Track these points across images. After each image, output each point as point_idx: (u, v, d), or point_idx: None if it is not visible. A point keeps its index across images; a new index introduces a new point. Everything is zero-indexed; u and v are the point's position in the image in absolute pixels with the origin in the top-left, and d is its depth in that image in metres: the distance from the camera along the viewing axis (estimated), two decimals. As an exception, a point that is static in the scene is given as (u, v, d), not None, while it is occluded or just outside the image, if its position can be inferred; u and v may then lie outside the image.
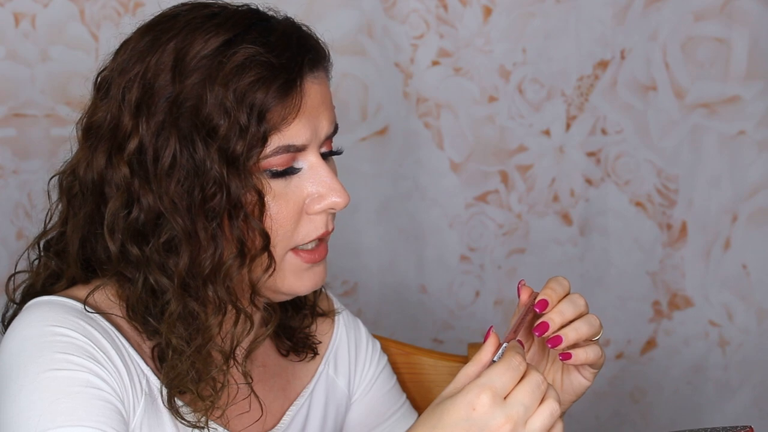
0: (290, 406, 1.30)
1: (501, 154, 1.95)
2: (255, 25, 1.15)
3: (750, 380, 2.03)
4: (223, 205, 1.11)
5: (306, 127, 1.14)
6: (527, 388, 1.01)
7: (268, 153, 1.13)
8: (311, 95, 1.15)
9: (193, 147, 1.11)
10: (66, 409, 1.08)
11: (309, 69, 1.15)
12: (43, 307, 1.16)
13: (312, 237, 1.16)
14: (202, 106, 1.11)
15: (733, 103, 1.97)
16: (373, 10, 1.89)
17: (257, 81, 1.12)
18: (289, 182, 1.15)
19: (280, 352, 1.31)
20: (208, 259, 1.12)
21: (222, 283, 1.13)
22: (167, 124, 1.11)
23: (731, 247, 2.00)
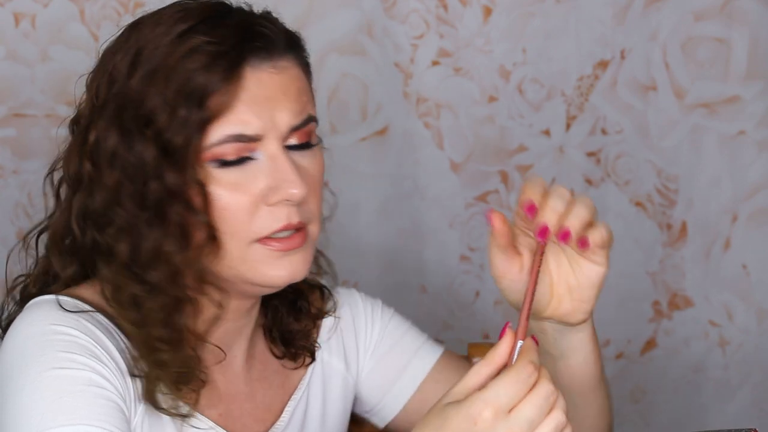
0: (288, 401, 1.30)
1: (501, 154, 1.95)
2: (211, 17, 1.16)
3: (750, 380, 2.03)
4: (158, 194, 1.13)
5: (256, 117, 1.14)
6: (534, 402, 1.00)
7: (215, 141, 1.13)
8: (262, 84, 1.15)
9: (132, 139, 1.14)
10: (68, 407, 1.08)
11: (256, 57, 1.15)
12: (44, 306, 1.17)
13: (273, 228, 1.15)
14: (145, 98, 1.14)
15: (733, 103, 1.97)
16: (373, 10, 1.89)
17: (199, 68, 1.13)
18: (245, 173, 1.15)
19: (274, 354, 1.30)
20: (147, 245, 1.14)
21: (162, 269, 1.15)
22: (113, 117, 1.15)
23: (731, 247, 2.00)
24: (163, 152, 1.13)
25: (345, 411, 1.36)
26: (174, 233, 1.14)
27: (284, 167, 1.15)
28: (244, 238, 1.15)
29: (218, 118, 1.13)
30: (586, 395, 1.25)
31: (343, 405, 1.36)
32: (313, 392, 1.33)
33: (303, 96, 1.18)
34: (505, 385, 1.00)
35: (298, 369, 1.31)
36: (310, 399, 1.32)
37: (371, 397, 1.38)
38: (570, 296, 1.16)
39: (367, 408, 1.39)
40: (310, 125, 1.18)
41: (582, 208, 1.13)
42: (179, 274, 1.15)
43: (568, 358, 1.21)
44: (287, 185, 1.14)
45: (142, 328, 1.15)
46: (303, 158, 1.18)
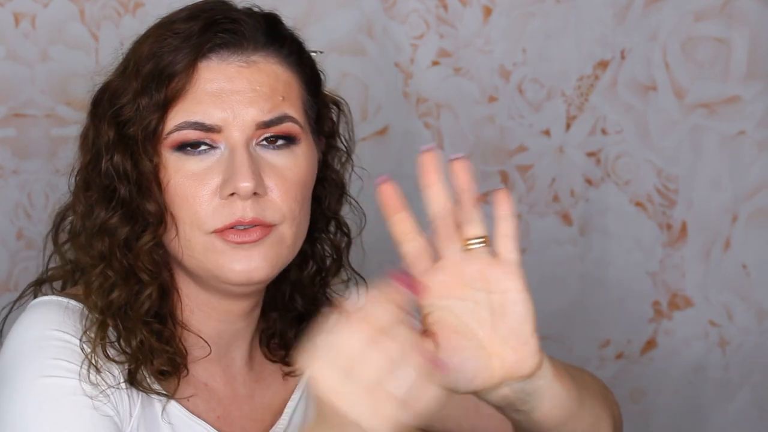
0: (288, 402, 1.30)
1: (501, 154, 1.95)
2: (196, 10, 1.19)
3: (750, 380, 2.03)
4: (109, 174, 1.17)
5: (217, 107, 1.15)
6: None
7: (173, 128, 1.15)
8: (225, 75, 1.16)
9: (100, 126, 1.18)
10: (53, 418, 1.10)
11: (225, 49, 1.16)
12: (43, 308, 1.17)
13: (224, 222, 1.15)
14: (117, 87, 1.18)
15: (733, 103, 1.97)
16: (373, 10, 1.89)
17: (167, 51, 1.16)
18: (204, 163, 1.16)
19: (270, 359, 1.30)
20: (94, 220, 1.18)
21: (103, 241, 1.18)
22: (92, 107, 1.21)
23: (731, 247, 2.00)
24: (118, 135, 1.17)
25: None
26: (118, 211, 1.17)
27: (238, 160, 1.14)
28: (201, 228, 1.16)
29: (177, 103, 1.15)
30: (570, 422, 1.14)
31: None
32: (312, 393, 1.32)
33: (277, 94, 1.17)
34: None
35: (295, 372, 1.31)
36: (311, 399, 1.32)
37: None
38: (508, 346, 1.04)
39: None
40: (286, 125, 1.17)
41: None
42: (120, 249, 1.17)
43: (540, 408, 1.09)
44: (236, 178, 1.14)
45: (87, 298, 1.18)
46: (278, 157, 1.17)
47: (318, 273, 1.30)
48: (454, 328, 1.04)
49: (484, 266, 1.04)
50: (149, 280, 1.18)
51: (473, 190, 1.05)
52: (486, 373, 1.04)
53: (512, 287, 1.04)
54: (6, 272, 1.83)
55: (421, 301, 1.03)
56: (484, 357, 1.04)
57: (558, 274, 1.99)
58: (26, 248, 1.83)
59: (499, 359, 1.04)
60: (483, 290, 1.04)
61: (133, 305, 1.17)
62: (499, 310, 1.04)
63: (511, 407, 1.09)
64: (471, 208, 1.05)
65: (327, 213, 1.28)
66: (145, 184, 1.16)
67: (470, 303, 1.04)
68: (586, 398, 1.16)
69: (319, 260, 1.29)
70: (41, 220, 1.82)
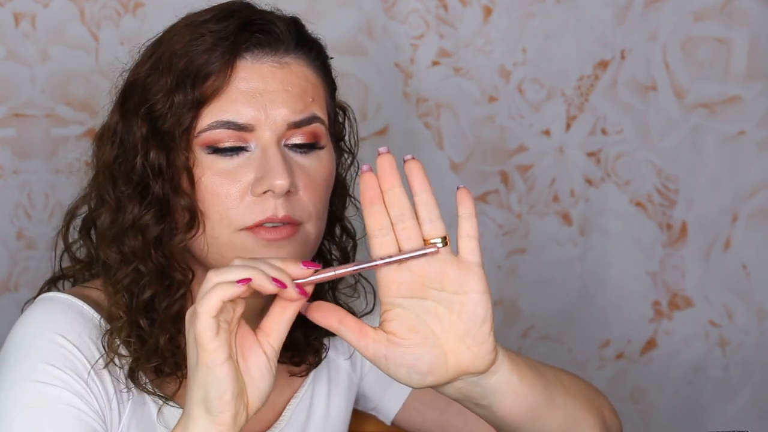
0: (291, 399, 1.30)
1: (501, 154, 1.95)
2: (226, 10, 1.19)
3: (750, 380, 2.03)
4: (142, 170, 1.17)
5: (250, 106, 1.15)
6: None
7: (206, 126, 1.16)
8: (260, 75, 1.16)
9: (130, 119, 1.18)
10: (33, 424, 1.11)
11: (259, 49, 1.17)
12: (47, 306, 1.18)
13: (257, 219, 1.15)
14: (149, 81, 1.18)
15: (733, 103, 1.97)
16: (373, 10, 1.89)
17: (201, 51, 1.16)
18: (237, 162, 1.16)
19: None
20: (125, 216, 1.18)
21: (137, 239, 1.17)
22: (118, 103, 1.21)
23: (731, 247, 2.00)
24: (153, 132, 1.16)
25: (348, 410, 1.36)
26: (152, 208, 1.17)
27: (272, 158, 1.15)
28: (231, 225, 1.16)
29: (211, 101, 1.15)
30: (539, 419, 1.15)
31: (347, 404, 1.36)
32: (318, 391, 1.33)
33: (307, 95, 1.19)
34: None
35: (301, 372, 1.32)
36: (315, 397, 1.32)
37: (374, 394, 1.38)
38: (464, 344, 1.06)
39: (371, 405, 1.39)
40: (314, 126, 1.19)
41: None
42: (152, 247, 1.17)
43: (501, 403, 1.11)
44: (271, 176, 1.14)
45: (114, 296, 1.18)
46: (306, 159, 1.18)
47: (340, 279, 1.30)
48: (411, 325, 1.06)
49: (446, 267, 1.05)
50: (182, 279, 1.19)
51: (430, 189, 1.06)
52: (441, 369, 1.06)
53: (473, 288, 1.06)
54: (6, 272, 1.83)
55: (382, 297, 1.06)
56: (439, 354, 1.06)
57: (558, 274, 1.99)
58: (26, 248, 1.83)
59: (454, 357, 1.06)
60: (444, 290, 1.06)
61: (161, 304, 1.18)
62: (458, 309, 1.06)
63: (470, 401, 1.11)
64: (429, 207, 1.06)
65: (334, 216, 1.28)
66: (178, 180, 1.16)
67: (430, 302, 1.06)
68: (558, 397, 1.17)
69: (325, 262, 1.29)
70: (41, 220, 1.82)
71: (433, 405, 1.36)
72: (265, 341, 1.04)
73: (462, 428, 1.36)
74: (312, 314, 1.06)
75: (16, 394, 1.12)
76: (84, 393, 1.14)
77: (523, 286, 1.99)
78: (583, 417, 1.20)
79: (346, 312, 1.07)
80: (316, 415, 1.32)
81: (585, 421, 1.20)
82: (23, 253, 1.83)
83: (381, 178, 1.05)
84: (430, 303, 1.06)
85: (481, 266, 1.06)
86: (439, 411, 1.36)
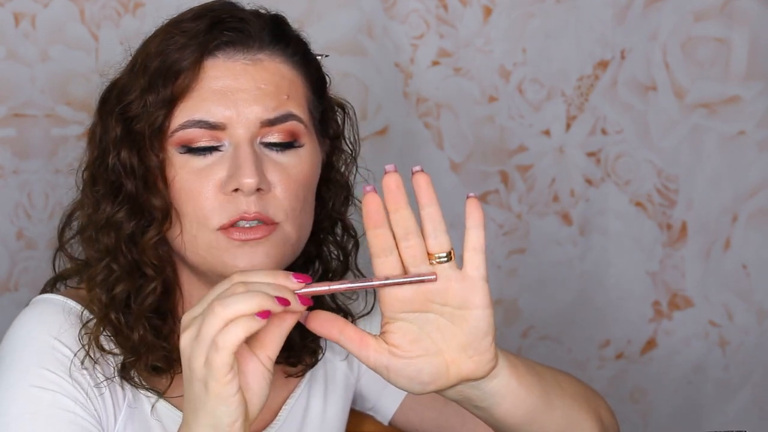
0: (287, 399, 1.30)
1: (501, 154, 1.95)
2: (204, 10, 1.20)
3: (750, 380, 2.03)
4: (116, 169, 1.18)
5: (220, 105, 1.15)
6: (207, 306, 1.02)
7: (178, 126, 1.16)
8: (231, 73, 1.16)
9: (107, 122, 1.19)
10: (28, 429, 1.11)
11: (231, 47, 1.17)
12: (42, 308, 1.18)
13: (230, 217, 1.15)
14: (125, 85, 1.19)
15: (733, 103, 1.97)
16: (373, 10, 1.89)
17: (173, 50, 1.16)
18: (208, 160, 1.16)
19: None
20: (100, 214, 1.19)
21: (109, 236, 1.18)
22: (101, 104, 1.22)
23: (731, 247, 2.00)
24: (125, 131, 1.17)
25: (345, 410, 1.36)
26: (124, 205, 1.18)
27: (242, 156, 1.15)
28: (206, 224, 1.16)
29: (183, 100, 1.16)
30: (537, 421, 1.16)
31: (344, 404, 1.36)
32: (314, 391, 1.33)
33: (282, 93, 1.18)
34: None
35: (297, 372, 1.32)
36: (311, 397, 1.32)
37: (371, 394, 1.38)
38: (466, 355, 1.06)
39: (369, 405, 1.39)
40: (290, 123, 1.18)
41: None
42: (126, 244, 1.18)
43: (499, 405, 1.12)
44: (239, 174, 1.14)
45: (91, 291, 1.19)
46: (283, 156, 1.18)
47: (324, 275, 1.30)
48: (413, 338, 1.06)
49: (450, 283, 1.05)
50: (153, 274, 1.19)
51: (437, 203, 1.05)
52: (442, 379, 1.07)
53: (477, 304, 1.05)
54: (6, 272, 1.83)
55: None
56: (441, 364, 1.06)
57: (558, 274, 1.99)
58: (26, 248, 1.83)
59: (455, 366, 1.06)
60: (447, 305, 1.05)
61: (136, 300, 1.18)
62: (460, 323, 1.05)
63: (468, 402, 1.12)
64: (435, 222, 1.05)
65: (333, 215, 1.28)
66: (152, 179, 1.17)
67: (432, 315, 1.06)
68: (555, 399, 1.17)
69: (325, 262, 1.29)
70: (41, 220, 1.82)
71: (431, 405, 1.36)
72: (262, 353, 1.04)
73: (460, 429, 1.36)
74: (312, 324, 1.06)
75: (10, 398, 1.12)
76: (80, 396, 1.14)
77: (523, 286, 1.99)
78: (581, 418, 1.20)
79: (346, 321, 1.06)
80: (313, 416, 1.32)
81: (583, 422, 1.20)
82: (23, 253, 1.83)
83: (387, 199, 1.03)
84: (432, 316, 1.06)
85: (486, 281, 1.05)
86: (436, 412, 1.36)
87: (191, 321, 1.02)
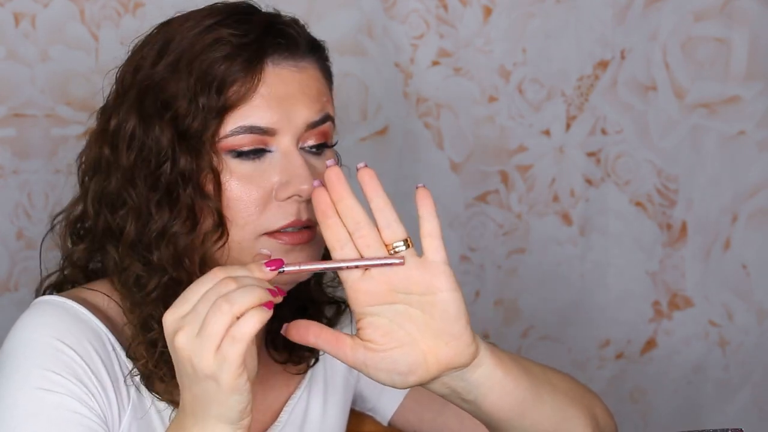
0: (288, 401, 1.30)
1: (501, 154, 1.95)
2: (238, 13, 1.19)
3: (750, 380, 2.03)
4: (170, 177, 1.15)
5: (272, 111, 1.15)
6: (202, 298, 1.02)
7: (229, 132, 1.15)
8: (280, 79, 1.16)
9: (151, 123, 1.16)
10: (32, 430, 1.10)
11: (277, 53, 1.17)
12: (44, 309, 1.17)
13: (281, 224, 1.15)
14: (168, 85, 1.16)
15: (733, 103, 1.97)
16: (373, 10, 1.89)
17: (221, 58, 1.15)
18: (258, 166, 1.16)
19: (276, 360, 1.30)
20: (154, 226, 1.16)
21: (167, 250, 1.15)
22: (134, 103, 1.17)
23: (731, 247, 2.00)
24: (179, 136, 1.15)
25: (345, 410, 1.36)
26: (182, 216, 1.15)
27: (296, 163, 1.16)
28: (252, 230, 1.16)
29: (235, 108, 1.15)
30: (527, 416, 1.16)
31: (344, 404, 1.36)
32: (314, 392, 1.33)
33: (322, 96, 1.20)
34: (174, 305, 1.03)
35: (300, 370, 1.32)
36: (312, 398, 1.32)
37: (371, 394, 1.38)
38: (442, 341, 1.07)
39: (368, 406, 1.39)
40: (327, 124, 1.20)
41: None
42: (183, 257, 1.16)
43: (486, 397, 1.12)
44: (298, 181, 1.15)
45: (142, 308, 1.16)
46: (318, 160, 1.19)
47: (323, 275, 1.31)
48: (385, 331, 1.07)
49: (411, 270, 1.06)
50: (176, 276, 1.18)
51: (383, 193, 1.07)
52: (421, 368, 1.08)
53: (441, 287, 1.06)
54: (6, 272, 1.83)
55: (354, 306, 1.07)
56: (418, 354, 1.07)
57: (558, 274, 1.99)
58: (26, 248, 1.83)
59: (433, 355, 1.07)
60: (411, 293, 1.06)
61: (168, 302, 1.16)
62: (429, 309, 1.06)
63: (456, 396, 1.12)
64: (385, 212, 1.07)
65: None
66: (206, 186, 1.15)
67: (400, 306, 1.07)
68: (545, 394, 1.17)
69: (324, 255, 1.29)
70: (41, 220, 1.82)
71: (430, 406, 1.37)
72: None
73: (458, 429, 1.36)
74: (290, 334, 1.08)
75: (15, 401, 1.12)
76: (85, 397, 1.13)
77: (523, 286, 1.99)
78: (574, 414, 1.20)
79: (321, 326, 1.08)
80: (313, 417, 1.32)
81: (575, 419, 1.20)
82: (23, 253, 1.83)
83: (330, 191, 1.06)
84: (401, 306, 1.07)
85: (447, 264, 1.06)
86: (435, 412, 1.37)
87: (181, 320, 1.02)
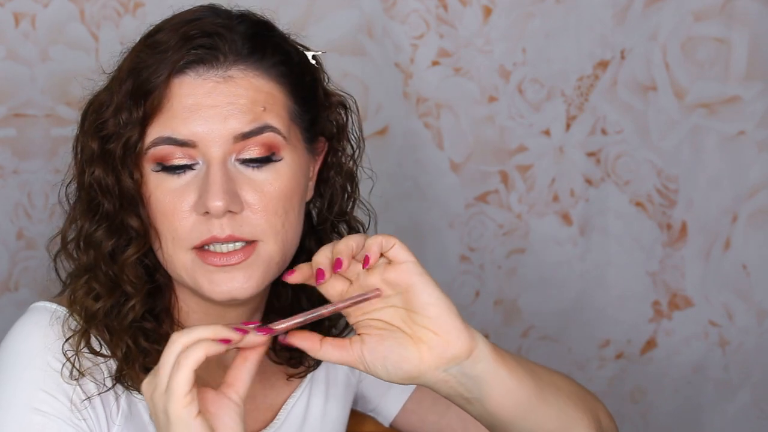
0: (287, 399, 1.30)
1: (501, 154, 1.95)
2: (182, 21, 1.19)
3: (750, 380, 2.03)
4: (90, 186, 1.18)
5: (190, 123, 1.14)
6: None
7: (149, 143, 1.15)
8: (203, 92, 1.14)
9: (86, 135, 1.19)
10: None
11: (202, 65, 1.15)
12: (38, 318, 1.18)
13: (201, 239, 1.15)
14: (103, 99, 1.19)
15: (733, 103, 1.97)
16: (373, 10, 1.89)
17: (145, 66, 1.16)
18: (183, 180, 1.16)
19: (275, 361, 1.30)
20: (79, 228, 1.20)
21: (91, 254, 1.19)
22: (82, 119, 1.21)
23: (731, 247, 2.00)
24: (101, 149, 1.17)
25: (345, 411, 1.36)
26: (102, 223, 1.18)
27: (211, 178, 1.14)
28: (180, 244, 1.16)
29: (154, 118, 1.15)
30: (531, 416, 1.17)
31: (345, 404, 1.36)
32: (315, 391, 1.33)
33: (258, 105, 1.15)
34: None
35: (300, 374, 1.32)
36: (312, 398, 1.32)
37: (374, 395, 1.38)
38: (430, 332, 1.11)
39: (370, 406, 1.39)
40: (267, 135, 1.16)
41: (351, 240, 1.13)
42: (107, 261, 1.18)
43: (489, 396, 1.13)
44: (207, 197, 1.13)
45: (71, 306, 1.19)
46: (260, 173, 1.16)
47: None
48: (380, 325, 1.12)
49: (384, 272, 1.12)
50: (133, 292, 1.19)
51: (330, 246, 1.13)
52: (415, 359, 1.11)
53: (414, 280, 1.11)
54: (6, 272, 1.83)
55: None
56: (409, 345, 1.11)
57: (558, 274, 1.99)
58: (26, 248, 1.83)
59: (425, 345, 1.11)
60: (394, 294, 1.12)
61: (117, 315, 1.18)
62: (412, 304, 1.11)
63: (459, 396, 1.14)
64: (351, 250, 1.12)
65: (334, 214, 1.27)
66: (128, 198, 1.17)
67: (390, 309, 1.12)
68: (550, 396, 1.18)
69: None
70: (41, 220, 1.82)
71: (433, 409, 1.36)
72: (231, 392, 1.06)
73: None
74: (291, 342, 1.11)
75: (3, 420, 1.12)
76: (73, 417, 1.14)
77: (523, 286, 1.99)
78: (578, 417, 1.21)
79: (320, 336, 1.12)
80: (313, 416, 1.32)
81: (579, 421, 1.20)
82: (23, 253, 1.83)
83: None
84: (391, 309, 1.12)
85: (415, 263, 1.12)
86: (438, 415, 1.36)
87: (149, 373, 1.06)
